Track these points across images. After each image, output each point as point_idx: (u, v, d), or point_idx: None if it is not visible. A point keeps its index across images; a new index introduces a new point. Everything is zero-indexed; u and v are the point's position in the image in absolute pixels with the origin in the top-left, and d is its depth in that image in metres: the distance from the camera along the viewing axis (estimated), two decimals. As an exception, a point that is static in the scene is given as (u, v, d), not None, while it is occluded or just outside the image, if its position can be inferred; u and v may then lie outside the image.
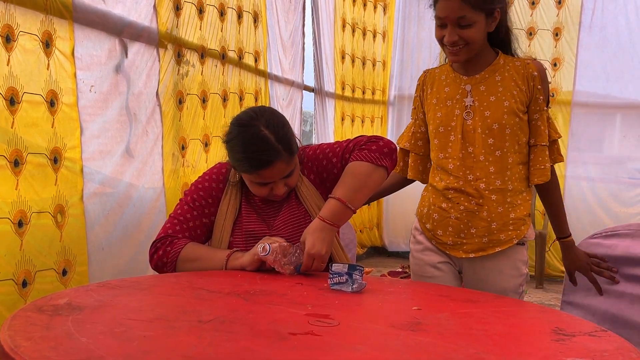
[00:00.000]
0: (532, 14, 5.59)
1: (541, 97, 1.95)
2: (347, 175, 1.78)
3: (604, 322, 1.82)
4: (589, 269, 1.96)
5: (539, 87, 1.94)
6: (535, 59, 2.00)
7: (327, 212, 1.72)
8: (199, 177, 1.92)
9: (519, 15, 5.64)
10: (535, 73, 1.94)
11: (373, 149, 1.80)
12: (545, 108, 1.97)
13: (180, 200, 1.89)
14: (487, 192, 1.95)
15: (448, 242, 2.01)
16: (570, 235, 2.06)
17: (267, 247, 1.64)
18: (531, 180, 1.99)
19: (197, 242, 1.84)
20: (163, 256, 1.77)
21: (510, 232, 1.97)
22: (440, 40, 1.94)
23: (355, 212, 1.77)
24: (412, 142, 2.17)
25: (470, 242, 1.98)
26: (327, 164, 1.87)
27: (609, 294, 1.89)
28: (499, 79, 1.96)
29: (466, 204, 1.97)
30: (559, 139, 2.01)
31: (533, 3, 5.57)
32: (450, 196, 2.00)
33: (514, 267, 2.00)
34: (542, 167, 1.97)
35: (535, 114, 1.97)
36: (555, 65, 5.52)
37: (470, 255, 1.99)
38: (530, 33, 5.59)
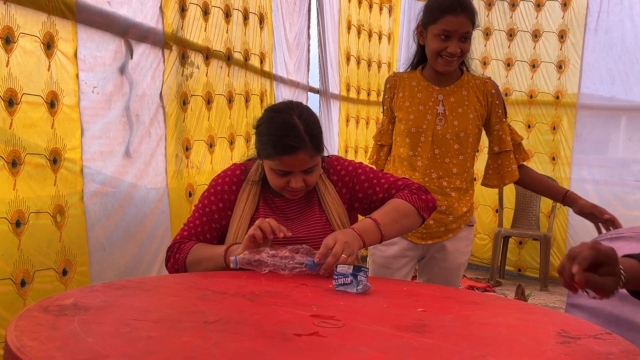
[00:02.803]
0: (537, 16, 5.58)
1: (500, 111, 2.32)
2: (389, 207, 1.84)
3: (609, 324, 1.81)
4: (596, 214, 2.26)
5: (497, 102, 2.31)
6: (489, 78, 2.35)
7: (360, 225, 1.77)
8: (212, 180, 1.94)
9: (524, 17, 5.63)
10: (493, 91, 2.30)
11: (422, 198, 1.88)
12: (504, 119, 2.34)
13: (195, 206, 1.94)
14: (448, 189, 2.27)
15: None
16: (567, 190, 2.37)
17: (233, 259, 1.66)
18: (502, 182, 2.35)
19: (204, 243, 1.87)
20: (174, 263, 1.83)
21: (460, 222, 2.31)
22: (439, 52, 2.17)
23: (383, 239, 1.80)
24: (389, 139, 2.40)
25: (428, 232, 2.28)
26: (367, 188, 1.91)
27: (614, 297, 1.89)
28: (465, 93, 2.28)
29: None
30: (522, 141, 2.38)
31: (538, 5, 5.55)
32: None
33: (466, 244, 2.36)
34: (510, 169, 2.34)
35: (496, 125, 2.33)
36: (560, 67, 5.51)
37: (429, 242, 2.30)
38: (536, 35, 5.58)
